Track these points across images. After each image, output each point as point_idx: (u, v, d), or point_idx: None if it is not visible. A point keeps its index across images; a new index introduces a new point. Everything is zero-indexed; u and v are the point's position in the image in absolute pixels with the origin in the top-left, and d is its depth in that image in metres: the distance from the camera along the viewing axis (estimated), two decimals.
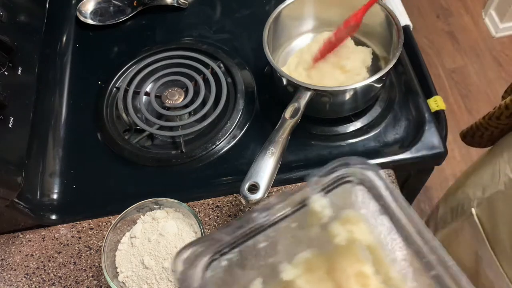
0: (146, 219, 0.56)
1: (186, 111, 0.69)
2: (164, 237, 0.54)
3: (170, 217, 0.57)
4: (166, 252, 0.54)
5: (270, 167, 0.51)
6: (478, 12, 1.91)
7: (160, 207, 0.57)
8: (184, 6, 0.84)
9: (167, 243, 0.54)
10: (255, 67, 0.74)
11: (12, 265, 0.61)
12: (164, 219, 0.56)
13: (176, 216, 0.57)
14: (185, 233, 0.55)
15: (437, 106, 0.67)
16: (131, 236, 0.56)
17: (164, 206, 0.57)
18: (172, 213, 0.57)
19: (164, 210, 0.57)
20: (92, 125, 0.71)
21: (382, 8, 0.65)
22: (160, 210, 0.57)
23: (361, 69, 0.66)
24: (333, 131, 0.67)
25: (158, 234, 0.55)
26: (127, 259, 0.54)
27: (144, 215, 0.57)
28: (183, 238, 0.55)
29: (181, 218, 0.56)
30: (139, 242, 0.55)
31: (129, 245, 0.55)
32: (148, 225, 0.56)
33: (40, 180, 0.65)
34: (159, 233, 0.55)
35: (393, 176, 0.63)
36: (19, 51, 0.62)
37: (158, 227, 0.55)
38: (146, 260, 0.53)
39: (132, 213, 0.56)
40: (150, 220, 0.56)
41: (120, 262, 0.54)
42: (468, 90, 1.72)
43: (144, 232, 0.56)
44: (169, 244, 0.54)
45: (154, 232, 0.55)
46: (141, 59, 0.76)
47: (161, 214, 0.56)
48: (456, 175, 1.52)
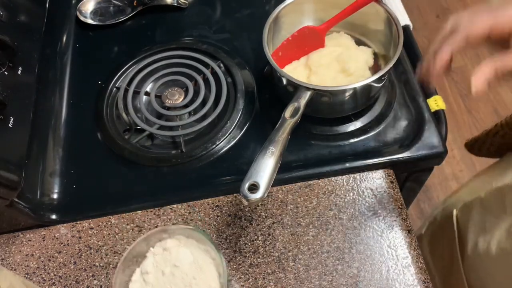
0: (156, 250, 0.52)
1: (186, 111, 0.69)
2: (179, 268, 0.50)
3: (183, 245, 0.51)
4: (184, 285, 0.49)
5: (270, 167, 0.51)
6: None
7: (170, 236, 0.52)
8: (184, 6, 0.84)
9: (183, 275, 0.49)
10: (255, 67, 0.74)
11: (12, 264, 0.61)
12: (176, 248, 0.51)
13: (189, 243, 0.52)
14: (202, 260, 0.50)
15: (437, 105, 0.67)
16: (142, 272, 0.51)
17: (174, 234, 0.52)
18: (184, 240, 0.52)
19: (175, 238, 0.52)
20: (92, 125, 0.71)
21: (382, 8, 0.65)
22: (170, 239, 0.52)
23: (364, 70, 0.66)
24: (333, 131, 0.67)
25: (172, 266, 0.50)
26: None
27: (154, 247, 0.52)
28: (200, 267, 0.50)
29: (194, 245, 0.52)
30: (152, 277, 0.50)
31: (141, 283, 0.50)
32: (160, 257, 0.51)
33: (40, 180, 0.65)
34: (173, 264, 0.50)
35: (393, 176, 0.63)
36: (19, 51, 0.62)
37: (171, 257, 0.50)
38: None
39: (140, 246, 0.51)
40: (161, 251, 0.51)
41: None
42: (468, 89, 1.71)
43: (156, 265, 0.51)
44: (186, 276, 0.49)
45: (167, 264, 0.50)
46: (141, 59, 0.76)
47: (172, 243, 0.51)
48: (456, 175, 1.53)
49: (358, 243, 0.58)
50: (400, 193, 0.62)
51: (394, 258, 0.57)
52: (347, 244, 0.59)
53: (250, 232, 0.61)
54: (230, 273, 0.58)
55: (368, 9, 0.65)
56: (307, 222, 0.60)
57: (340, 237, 0.59)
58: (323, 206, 0.61)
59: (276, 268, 0.58)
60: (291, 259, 0.58)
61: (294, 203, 0.62)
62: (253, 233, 0.60)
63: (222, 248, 0.60)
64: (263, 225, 0.61)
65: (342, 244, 0.59)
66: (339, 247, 0.58)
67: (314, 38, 0.68)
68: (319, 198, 0.62)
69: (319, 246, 0.59)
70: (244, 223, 0.61)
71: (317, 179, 0.63)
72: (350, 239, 0.59)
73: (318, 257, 0.58)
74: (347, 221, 0.60)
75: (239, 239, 0.60)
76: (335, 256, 0.58)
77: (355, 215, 0.60)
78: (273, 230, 0.60)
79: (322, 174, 0.63)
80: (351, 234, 0.59)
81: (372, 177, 0.63)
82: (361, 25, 0.70)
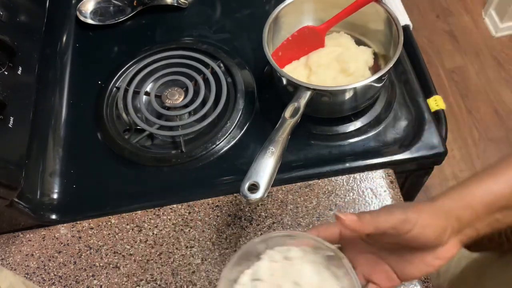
0: (275, 255, 0.43)
1: (186, 111, 0.69)
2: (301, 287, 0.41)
3: (308, 260, 0.43)
4: None
5: (270, 167, 0.51)
6: (478, 12, 1.91)
7: (295, 243, 0.44)
8: (184, 6, 0.84)
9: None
10: (255, 67, 0.74)
11: (12, 264, 0.61)
12: (300, 261, 0.42)
13: (317, 259, 0.43)
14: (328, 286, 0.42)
15: (437, 105, 0.67)
16: (253, 278, 0.42)
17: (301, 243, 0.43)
18: (311, 256, 0.43)
19: (301, 248, 0.43)
20: (92, 125, 0.71)
21: (382, 8, 0.65)
22: (296, 247, 0.43)
23: (364, 70, 0.66)
24: (333, 131, 0.67)
25: (293, 282, 0.41)
26: None
27: (273, 249, 0.43)
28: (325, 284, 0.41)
29: (322, 264, 0.42)
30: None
31: None
32: (279, 265, 0.42)
33: (40, 179, 0.65)
34: (294, 281, 0.41)
35: (393, 176, 0.63)
36: (19, 51, 0.62)
37: (292, 270, 0.42)
38: None
39: (256, 245, 0.43)
40: (280, 258, 0.43)
41: None
42: (468, 89, 1.72)
43: (272, 274, 0.42)
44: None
45: (286, 277, 0.42)
46: (141, 59, 0.76)
47: (297, 254, 0.43)
48: (456, 175, 1.53)
49: None
50: (400, 193, 0.62)
51: None
52: None
53: (250, 232, 0.61)
54: None
55: (368, 9, 0.65)
56: (307, 222, 0.60)
57: None
58: (323, 206, 0.61)
59: None
60: None
61: (294, 203, 0.62)
62: (253, 233, 0.60)
63: (222, 248, 0.60)
64: (263, 225, 0.61)
65: None
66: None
67: (314, 38, 0.68)
68: (319, 198, 0.62)
69: None
70: (244, 223, 0.61)
71: (317, 179, 0.63)
72: None
73: None
74: None
75: (239, 239, 0.60)
76: None
77: None
78: (273, 230, 0.60)
79: (322, 174, 0.63)
80: None
81: (372, 177, 0.63)
82: (361, 25, 0.70)
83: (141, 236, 0.62)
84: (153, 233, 0.62)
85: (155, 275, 0.59)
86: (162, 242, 0.61)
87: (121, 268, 0.60)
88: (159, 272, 0.59)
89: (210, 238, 0.61)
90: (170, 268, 0.59)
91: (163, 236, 0.61)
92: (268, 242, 0.44)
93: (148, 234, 0.62)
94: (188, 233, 0.61)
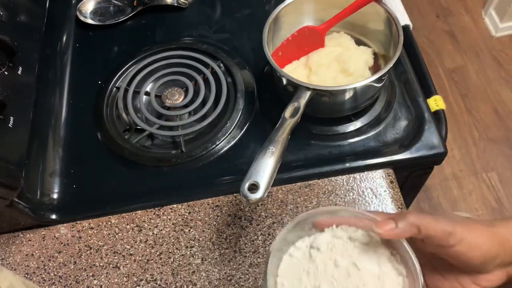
0: (338, 232, 0.42)
1: (186, 111, 0.69)
2: (359, 272, 0.39)
3: (372, 248, 0.40)
4: None
5: (270, 167, 0.51)
6: (478, 11, 1.91)
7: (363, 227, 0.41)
8: (184, 6, 0.84)
9: (359, 283, 0.38)
10: (255, 67, 0.74)
11: (12, 264, 0.61)
12: (363, 247, 0.40)
13: (381, 251, 0.40)
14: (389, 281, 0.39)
15: (437, 105, 0.67)
16: (312, 246, 0.41)
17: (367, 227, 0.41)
18: (377, 245, 0.41)
19: (368, 233, 0.41)
20: (92, 125, 0.71)
21: (382, 8, 0.65)
22: (362, 231, 0.41)
23: (364, 70, 0.66)
24: (333, 131, 0.67)
25: (352, 263, 0.39)
26: (296, 273, 0.40)
27: (338, 226, 0.42)
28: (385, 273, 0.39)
29: (385, 256, 0.40)
30: (320, 259, 0.40)
31: (305, 256, 0.41)
32: (340, 242, 0.41)
33: (40, 179, 0.65)
34: (353, 262, 0.40)
35: (393, 176, 0.63)
36: (19, 51, 0.62)
37: (353, 253, 0.40)
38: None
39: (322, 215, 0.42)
40: (344, 236, 0.41)
41: (284, 272, 0.41)
42: (468, 89, 1.72)
43: (331, 249, 0.41)
44: (362, 286, 0.39)
45: (346, 256, 0.40)
46: (141, 59, 0.76)
47: (363, 238, 0.41)
48: (456, 175, 1.53)
49: None
50: (400, 193, 0.62)
51: None
52: None
53: (250, 232, 0.61)
54: (230, 272, 0.58)
55: (368, 9, 0.65)
56: None
57: None
58: (323, 206, 0.61)
59: None
60: None
61: (294, 203, 0.62)
62: (253, 233, 0.60)
63: (222, 248, 0.60)
64: (263, 225, 0.61)
65: None
66: None
67: (314, 38, 0.68)
68: (319, 198, 0.62)
69: None
70: (244, 223, 0.61)
71: (317, 179, 0.63)
72: None
73: None
74: None
75: (239, 239, 0.60)
76: None
77: None
78: (273, 230, 0.60)
79: (322, 174, 0.63)
80: None
81: (372, 177, 0.63)
82: (361, 25, 0.70)
83: (141, 236, 0.62)
84: (153, 233, 0.62)
85: (155, 275, 0.59)
86: (162, 242, 0.61)
87: (121, 268, 0.60)
88: (159, 272, 0.59)
89: (210, 238, 0.61)
90: (170, 268, 0.59)
91: (163, 236, 0.61)
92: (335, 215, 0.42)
93: (148, 234, 0.62)
94: (188, 233, 0.61)
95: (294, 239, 0.42)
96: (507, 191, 1.49)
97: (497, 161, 1.54)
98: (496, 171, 1.53)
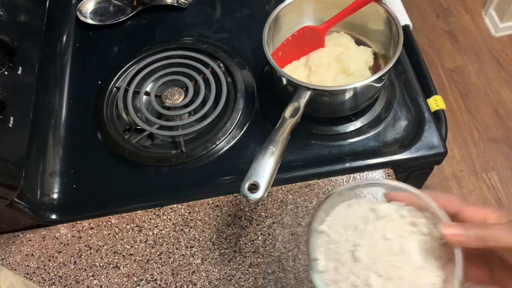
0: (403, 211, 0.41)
1: (186, 111, 0.69)
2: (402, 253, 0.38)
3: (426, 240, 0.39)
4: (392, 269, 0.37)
5: (270, 167, 0.51)
6: (478, 11, 1.91)
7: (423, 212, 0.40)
8: (184, 6, 0.84)
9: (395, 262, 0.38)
10: (255, 67, 0.74)
11: (13, 264, 0.61)
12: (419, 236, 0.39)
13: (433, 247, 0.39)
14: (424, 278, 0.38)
15: (436, 105, 0.67)
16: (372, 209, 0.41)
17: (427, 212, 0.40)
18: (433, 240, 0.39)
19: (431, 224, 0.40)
20: (92, 124, 0.71)
21: (382, 8, 0.65)
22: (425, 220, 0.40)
23: (364, 70, 0.66)
24: (333, 131, 0.67)
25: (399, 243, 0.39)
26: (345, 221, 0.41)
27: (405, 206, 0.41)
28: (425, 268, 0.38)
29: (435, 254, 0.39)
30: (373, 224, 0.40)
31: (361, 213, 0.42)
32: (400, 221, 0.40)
33: (40, 179, 0.65)
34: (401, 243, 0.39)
35: (393, 176, 0.63)
36: (19, 51, 0.63)
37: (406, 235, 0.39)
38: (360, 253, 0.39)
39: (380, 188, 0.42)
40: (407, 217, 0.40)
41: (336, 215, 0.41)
42: (468, 89, 1.72)
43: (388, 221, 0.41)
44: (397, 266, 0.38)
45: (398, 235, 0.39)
46: (141, 59, 0.76)
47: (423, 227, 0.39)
48: (456, 175, 1.53)
49: None
50: None
51: None
52: None
53: (250, 232, 0.61)
54: (230, 272, 0.58)
55: (368, 9, 0.65)
56: (307, 222, 0.60)
57: None
58: None
59: (276, 268, 0.58)
60: (291, 259, 0.58)
61: (294, 203, 0.62)
62: (253, 233, 0.60)
63: (222, 248, 0.60)
64: (263, 225, 0.61)
65: None
66: None
67: (314, 38, 0.68)
68: (319, 198, 0.62)
69: None
70: (244, 223, 0.61)
71: (317, 179, 0.63)
72: None
73: None
74: None
75: (239, 239, 0.60)
76: None
77: None
78: (273, 230, 0.60)
79: (322, 174, 0.63)
80: None
81: (372, 177, 0.63)
82: (361, 25, 0.70)
83: (141, 236, 0.62)
84: (153, 233, 0.62)
85: (155, 275, 0.59)
86: (162, 242, 0.61)
87: (121, 268, 0.60)
88: (159, 272, 0.59)
89: (210, 238, 0.61)
90: (170, 268, 0.59)
91: (163, 236, 0.61)
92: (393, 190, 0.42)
93: (148, 234, 0.62)
94: (188, 233, 0.61)
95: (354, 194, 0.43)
96: (507, 191, 1.49)
97: (497, 161, 1.54)
98: (496, 171, 1.53)
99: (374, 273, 0.38)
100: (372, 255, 0.39)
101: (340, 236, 0.41)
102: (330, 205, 0.42)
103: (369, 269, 0.38)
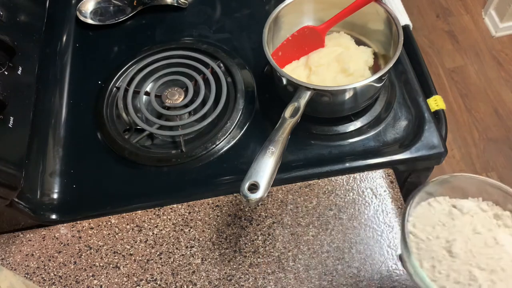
0: (484, 205, 0.42)
1: (186, 111, 0.69)
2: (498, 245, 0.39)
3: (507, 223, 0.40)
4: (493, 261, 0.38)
5: (270, 167, 0.51)
6: (478, 11, 1.91)
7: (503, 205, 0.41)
8: (184, 6, 0.84)
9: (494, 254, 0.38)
10: (255, 67, 0.74)
11: (12, 264, 0.61)
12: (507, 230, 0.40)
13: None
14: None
15: (436, 105, 0.67)
16: (454, 205, 0.42)
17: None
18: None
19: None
20: (92, 124, 0.71)
21: (382, 8, 0.65)
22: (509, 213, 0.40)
23: (364, 70, 0.66)
24: (333, 131, 0.67)
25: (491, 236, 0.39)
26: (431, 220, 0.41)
27: (483, 201, 0.42)
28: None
29: None
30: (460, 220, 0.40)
31: (444, 211, 0.42)
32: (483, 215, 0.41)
33: (40, 179, 0.65)
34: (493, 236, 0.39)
35: (393, 176, 0.63)
36: (19, 51, 0.63)
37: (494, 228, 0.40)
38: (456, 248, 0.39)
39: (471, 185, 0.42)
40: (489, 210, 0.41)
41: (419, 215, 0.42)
42: (468, 89, 1.72)
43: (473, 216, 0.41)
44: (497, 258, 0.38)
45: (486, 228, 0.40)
46: (141, 59, 0.76)
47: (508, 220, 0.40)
48: None
49: (358, 243, 0.58)
50: (400, 193, 0.62)
51: (394, 258, 0.57)
52: (347, 244, 0.59)
53: (250, 232, 0.61)
54: (230, 272, 0.58)
55: (368, 9, 0.65)
56: (307, 222, 0.60)
57: (340, 237, 0.59)
58: (323, 206, 0.61)
59: (276, 268, 0.58)
60: (291, 259, 0.58)
61: (294, 203, 0.62)
62: (253, 233, 0.60)
63: (222, 248, 0.60)
64: (263, 225, 0.61)
65: (342, 244, 0.59)
66: (339, 247, 0.58)
67: (314, 38, 0.68)
68: (319, 198, 0.62)
69: (319, 246, 0.59)
70: (244, 223, 0.61)
71: (317, 179, 0.63)
72: (350, 239, 0.59)
73: (318, 257, 0.58)
74: (347, 221, 0.60)
75: (239, 239, 0.60)
76: (335, 256, 0.58)
77: (355, 215, 0.60)
78: (273, 230, 0.60)
79: (322, 174, 0.63)
80: (351, 234, 0.59)
81: (372, 177, 0.63)
82: (361, 25, 0.70)
83: (141, 236, 0.62)
84: (153, 233, 0.62)
85: (155, 275, 0.59)
86: (162, 242, 0.61)
87: (121, 268, 0.60)
88: (159, 272, 0.59)
89: (210, 238, 0.61)
90: (170, 268, 0.59)
91: (163, 236, 0.61)
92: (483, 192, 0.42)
93: (148, 234, 0.62)
94: (188, 233, 0.61)
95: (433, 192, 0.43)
96: None
97: (497, 161, 1.54)
98: (496, 171, 1.53)
99: (475, 267, 0.38)
100: (469, 250, 0.39)
101: (428, 234, 0.41)
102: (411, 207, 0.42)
103: (469, 264, 0.38)
